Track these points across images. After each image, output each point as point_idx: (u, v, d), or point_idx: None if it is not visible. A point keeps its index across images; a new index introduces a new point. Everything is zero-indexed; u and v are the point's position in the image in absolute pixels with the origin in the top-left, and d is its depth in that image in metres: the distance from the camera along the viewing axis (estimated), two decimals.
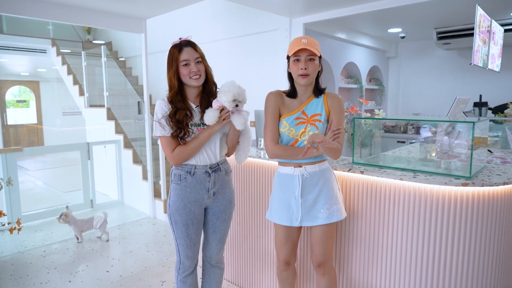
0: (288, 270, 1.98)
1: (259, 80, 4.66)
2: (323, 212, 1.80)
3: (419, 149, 3.04)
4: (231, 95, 1.74)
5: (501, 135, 3.32)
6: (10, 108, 9.30)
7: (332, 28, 4.85)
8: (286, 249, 1.93)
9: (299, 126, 1.80)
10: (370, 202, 1.96)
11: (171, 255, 3.39)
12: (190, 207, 1.87)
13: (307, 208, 1.82)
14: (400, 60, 6.58)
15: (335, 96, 1.82)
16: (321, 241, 1.83)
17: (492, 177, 1.80)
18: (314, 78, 1.79)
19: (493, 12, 3.64)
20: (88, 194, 4.83)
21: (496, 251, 1.79)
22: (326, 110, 1.79)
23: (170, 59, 1.79)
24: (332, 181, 1.85)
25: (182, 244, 1.91)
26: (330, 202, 1.81)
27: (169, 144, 1.80)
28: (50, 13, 3.55)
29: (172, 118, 1.77)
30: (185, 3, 3.71)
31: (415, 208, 1.81)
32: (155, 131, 1.80)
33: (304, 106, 1.82)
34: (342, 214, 1.85)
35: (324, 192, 1.81)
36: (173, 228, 1.91)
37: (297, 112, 1.82)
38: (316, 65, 1.75)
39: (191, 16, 5.43)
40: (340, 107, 1.79)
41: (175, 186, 1.88)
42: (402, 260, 1.88)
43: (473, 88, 5.62)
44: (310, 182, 1.81)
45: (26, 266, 3.22)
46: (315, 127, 1.77)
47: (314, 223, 1.81)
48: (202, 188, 1.88)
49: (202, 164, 1.86)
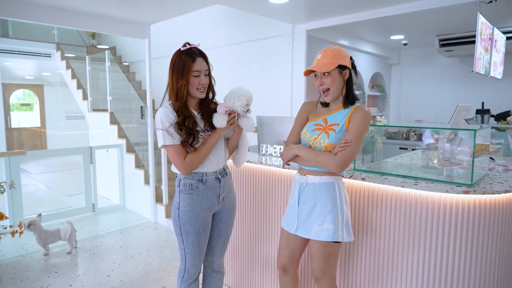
0: (286, 276, 1.97)
1: (262, 86, 4.68)
2: (315, 227, 1.73)
3: (421, 156, 3.03)
4: (245, 100, 1.77)
5: (503, 143, 3.32)
6: (14, 111, 9.35)
7: (335, 34, 4.87)
8: (285, 254, 1.93)
9: (315, 132, 1.78)
10: (371, 209, 1.96)
11: (172, 260, 3.39)
12: (202, 215, 1.85)
13: (303, 218, 1.79)
14: (402, 67, 6.60)
15: (360, 109, 1.71)
16: (315, 257, 1.78)
17: (494, 185, 1.79)
18: (337, 90, 1.73)
19: (495, 20, 3.65)
20: (90, 198, 4.84)
21: (497, 259, 1.78)
22: (346, 122, 1.71)
23: (181, 67, 1.72)
24: (333, 199, 1.72)
25: (191, 253, 1.88)
26: (322, 219, 1.71)
27: (179, 153, 1.75)
28: (55, 18, 3.59)
29: (181, 125, 1.74)
30: (189, 10, 3.75)
31: (416, 216, 1.81)
32: (164, 140, 1.73)
33: (328, 114, 1.79)
34: (333, 236, 1.69)
35: (319, 206, 1.73)
36: (182, 238, 1.87)
37: (318, 119, 1.81)
38: (334, 78, 1.70)
39: (194, 22, 5.47)
40: (359, 121, 1.67)
41: (186, 196, 1.83)
42: (403, 268, 1.87)
43: (476, 95, 5.62)
44: (307, 193, 1.78)
45: (27, 270, 3.23)
46: (326, 135, 1.73)
47: (306, 235, 1.77)
48: (213, 195, 1.88)
49: (211, 171, 1.86)
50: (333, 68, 1.69)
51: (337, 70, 1.71)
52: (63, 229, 3.58)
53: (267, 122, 2.65)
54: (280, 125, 2.56)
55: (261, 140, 2.71)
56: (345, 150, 1.64)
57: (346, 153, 1.63)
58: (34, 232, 3.44)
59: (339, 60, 1.69)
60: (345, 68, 1.72)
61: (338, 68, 1.71)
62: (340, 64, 1.70)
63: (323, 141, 1.72)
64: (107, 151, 5.33)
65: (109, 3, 3.46)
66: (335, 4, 3.46)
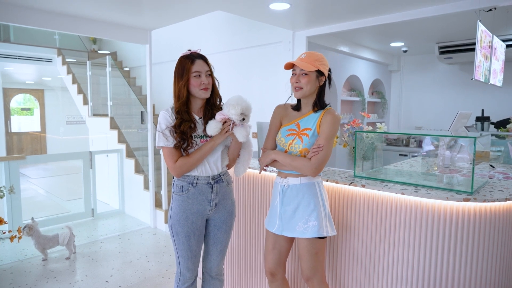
0: (274, 281, 1.98)
1: (261, 92, 4.69)
2: (300, 226, 1.80)
3: (421, 163, 3.03)
4: (240, 109, 1.78)
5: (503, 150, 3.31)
6: (14, 115, 9.37)
7: (335, 41, 4.90)
8: (272, 258, 1.94)
9: (289, 137, 1.85)
10: (371, 216, 1.96)
11: (171, 266, 3.37)
12: (192, 218, 1.87)
13: (286, 218, 1.84)
14: (402, 74, 6.62)
15: (329, 113, 1.79)
16: (304, 255, 1.82)
17: (494, 193, 1.79)
18: (308, 92, 1.79)
19: (495, 28, 3.67)
20: (90, 203, 4.83)
21: (498, 267, 1.77)
22: (317, 125, 1.79)
23: (180, 69, 1.79)
24: (314, 197, 1.81)
25: (183, 255, 1.91)
26: (307, 217, 1.79)
27: (172, 155, 1.80)
28: (56, 24, 3.61)
29: (177, 129, 1.78)
30: (190, 15, 3.77)
31: (416, 223, 1.80)
32: (158, 141, 1.81)
33: (300, 118, 1.86)
34: (318, 231, 1.77)
35: (303, 206, 1.80)
36: (174, 239, 1.90)
37: (291, 124, 1.87)
38: (310, 80, 1.77)
39: (195, 28, 5.50)
40: (329, 125, 1.75)
41: (177, 197, 1.88)
42: (403, 276, 1.86)
43: (475, 102, 5.63)
44: (290, 194, 1.84)
45: (25, 275, 3.21)
46: (300, 140, 1.80)
47: (292, 235, 1.83)
48: (204, 199, 1.89)
49: (204, 175, 1.87)
50: (312, 70, 1.76)
51: (315, 73, 1.78)
52: (61, 234, 3.56)
53: (267, 128, 2.65)
54: None
55: (261, 145, 2.71)
56: (318, 154, 1.73)
57: (319, 157, 1.73)
58: (32, 237, 3.41)
59: (320, 66, 1.77)
60: (323, 75, 1.80)
61: (317, 73, 1.78)
62: (319, 70, 1.77)
63: (298, 146, 1.80)
64: (107, 156, 5.32)
65: (111, 8, 3.48)
66: (335, 11, 3.48)
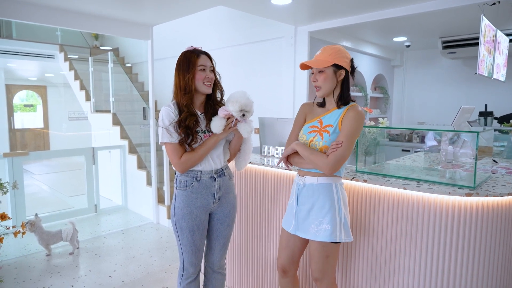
0: (285, 277, 1.96)
1: (264, 87, 4.69)
2: (313, 228, 1.73)
3: (423, 158, 3.02)
4: (238, 106, 1.78)
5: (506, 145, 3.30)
6: (17, 112, 9.39)
7: (337, 36, 4.87)
8: (285, 255, 1.93)
9: (310, 134, 1.79)
10: (373, 210, 1.96)
11: (174, 261, 3.39)
12: (196, 212, 1.88)
13: (301, 218, 1.79)
14: (405, 69, 6.58)
15: (353, 109, 1.70)
16: (314, 257, 1.77)
17: (497, 188, 1.78)
18: (328, 89, 1.72)
19: (498, 22, 3.64)
20: (92, 199, 4.85)
21: (500, 262, 1.77)
22: (339, 122, 1.70)
23: (186, 63, 1.78)
24: (330, 199, 1.72)
25: (187, 250, 1.91)
26: (320, 219, 1.72)
27: (176, 151, 1.80)
28: (58, 20, 3.60)
29: (181, 123, 1.78)
30: (192, 11, 3.76)
31: (418, 218, 1.80)
32: (162, 138, 1.80)
33: (323, 115, 1.79)
34: (331, 236, 1.69)
35: (317, 206, 1.73)
36: (178, 235, 1.90)
37: (314, 121, 1.81)
38: (327, 77, 1.69)
39: (197, 24, 5.49)
40: (350, 122, 1.66)
41: (180, 192, 1.88)
42: (405, 270, 1.87)
43: (479, 97, 5.60)
44: (305, 193, 1.78)
45: (30, 270, 3.23)
46: (321, 137, 1.73)
47: (305, 235, 1.78)
48: (208, 193, 1.89)
49: (208, 170, 1.88)
50: (326, 66, 1.68)
51: (331, 69, 1.69)
52: (65, 230, 3.58)
53: (269, 123, 2.65)
54: (282, 126, 2.56)
55: (263, 141, 2.71)
56: (335, 151, 1.64)
57: (337, 154, 1.63)
58: (36, 233, 3.43)
59: (336, 59, 1.67)
60: (341, 68, 1.70)
61: (333, 67, 1.69)
62: (336, 64, 1.68)
63: (318, 143, 1.73)
64: (110, 152, 5.34)
65: (112, 4, 3.47)
66: (338, 5, 3.46)
